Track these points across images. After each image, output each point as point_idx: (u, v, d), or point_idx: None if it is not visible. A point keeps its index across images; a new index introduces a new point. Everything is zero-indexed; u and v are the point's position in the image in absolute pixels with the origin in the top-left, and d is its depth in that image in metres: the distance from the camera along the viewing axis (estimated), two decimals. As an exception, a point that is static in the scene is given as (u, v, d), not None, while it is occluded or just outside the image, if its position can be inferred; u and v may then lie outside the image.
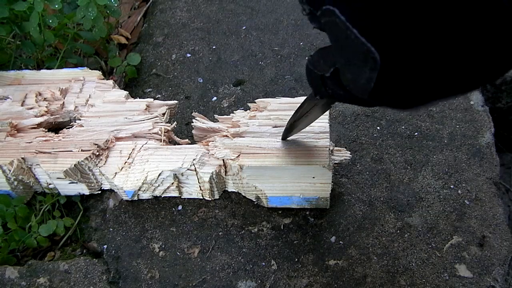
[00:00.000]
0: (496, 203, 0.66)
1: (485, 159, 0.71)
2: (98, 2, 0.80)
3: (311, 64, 0.37)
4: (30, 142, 0.67)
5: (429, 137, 0.74)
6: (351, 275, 0.61)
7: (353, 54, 0.29)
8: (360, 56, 0.28)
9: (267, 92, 0.83)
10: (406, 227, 0.65)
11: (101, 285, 0.63)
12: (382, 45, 0.27)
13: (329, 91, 0.36)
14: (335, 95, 0.37)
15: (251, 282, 0.62)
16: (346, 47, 0.29)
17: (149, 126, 0.68)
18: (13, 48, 0.87)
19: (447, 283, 0.60)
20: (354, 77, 0.31)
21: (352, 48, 0.28)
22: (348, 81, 0.32)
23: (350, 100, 0.36)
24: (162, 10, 1.01)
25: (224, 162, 0.64)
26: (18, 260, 0.68)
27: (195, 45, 0.92)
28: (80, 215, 0.71)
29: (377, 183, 0.69)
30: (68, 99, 0.74)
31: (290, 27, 0.93)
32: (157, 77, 0.88)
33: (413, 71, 0.28)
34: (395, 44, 0.27)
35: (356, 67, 0.29)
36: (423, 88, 0.30)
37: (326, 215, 0.67)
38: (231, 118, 0.67)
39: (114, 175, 0.65)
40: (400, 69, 0.28)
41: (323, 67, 0.35)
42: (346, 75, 0.32)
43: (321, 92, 0.38)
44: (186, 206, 0.69)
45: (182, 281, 0.63)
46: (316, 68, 0.36)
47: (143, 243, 0.67)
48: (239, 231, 0.66)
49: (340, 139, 0.75)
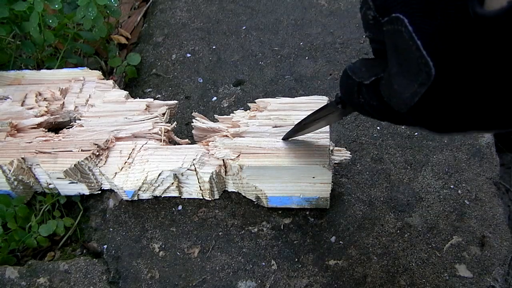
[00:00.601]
0: (496, 203, 0.66)
1: (485, 159, 0.71)
2: (98, 2, 0.80)
3: (351, 70, 0.37)
4: (30, 142, 0.67)
5: (429, 137, 0.74)
6: (351, 275, 0.61)
7: (408, 65, 0.29)
8: (414, 69, 0.28)
9: (267, 92, 0.83)
10: (406, 227, 0.65)
11: (101, 285, 0.63)
12: (441, 64, 0.27)
13: (361, 100, 0.36)
14: (365, 105, 0.36)
15: (251, 282, 0.62)
16: (403, 58, 0.29)
17: (149, 126, 0.68)
18: (13, 48, 0.87)
19: (447, 283, 0.60)
20: (400, 89, 0.30)
21: (409, 59, 0.28)
22: (391, 92, 0.32)
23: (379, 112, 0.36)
24: (162, 10, 1.01)
25: (224, 162, 0.64)
26: (18, 260, 0.68)
27: (195, 45, 0.92)
28: (80, 215, 0.71)
29: (377, 183, 0.69)
30: (68, 99, 0.74)
31: (290, 27, 0.93)
32: (157, 77, 0.88)
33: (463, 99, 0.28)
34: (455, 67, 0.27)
35: (406, 79, 0.29)
36: (468, 116, 0.29)
37: (326, 215, 0.67)
38: (231, 118, 0.67)
39: (114, 175, 0.65)
40: (450, 92, 0.28)
41: (363, 75, 0.35)
42: (392, 86, 0.31)
43: (352, 100, 0.38)
44: (186, 206, 0.69)
45: (182, 281, 0.63)
46: (355, 75, 0.36)
47: (143, 243, 0.67)
48: (239, 231, 0.66)
49: (340, 139, 0.75)
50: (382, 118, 0.37)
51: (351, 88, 0.37)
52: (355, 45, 0.89)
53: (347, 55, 0.87)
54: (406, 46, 0.28)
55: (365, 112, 0.38)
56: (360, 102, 0.37)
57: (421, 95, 0.29)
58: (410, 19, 0.28)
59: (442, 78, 0.27)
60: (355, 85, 0.36)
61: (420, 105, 0.30)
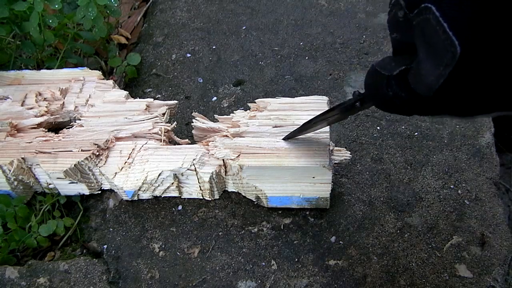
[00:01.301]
0: (496, 203, 0.66)
1: (485, 159, 0.71)
2: (98, 2, 0.80)
3: (379, 66, 0.39)
4: (30, 142, 0.67)
5: (429, 137, 0.74)
6: (351, 275, 0.61)
7: (434, 50, 0.31)
8: (440, 52, 0.30)
9: (267, 92, 0.83)
10: (406, 227, 0.65)
11: (101, 285, 0.63)
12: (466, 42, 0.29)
13: (390, 93, 0.38)
14: (394, 98, 0.38)
15: (251, 282, 0.62)
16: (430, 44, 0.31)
17: (149, 126, 0.68)
18: (13, 48, 0.87)
19: (447, 283, 0.60)
20: (426, 74, 0.32)
21: (436, 44, 0.30)
22: (418, 79, 0.34)
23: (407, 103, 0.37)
24: (162, 10, 1.01)
25: (224, 162, 0.64)
26: (18, 260, 0.68)
27: (195, 45, 0.92)
28: (80, 215, 0.71)
29: (377, 183, 0.69)
30: (68, 99, 0.74)
31: (290, 27, 0.93)
32: (157, 77, 0.88)
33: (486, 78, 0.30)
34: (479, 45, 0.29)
35: (432, 64, 0.31)
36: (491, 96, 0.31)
37: (326, 215, 0.67)
38: (231, 118, 0.67)
39: (114, 175, 0.65)
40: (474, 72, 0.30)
41: (392, 68, 0.37)
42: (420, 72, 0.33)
43: (379, 95, 0.40)
44: (186, 206, 0.69)
45: (182, 281, 0.63)
46: (384, 70, 0.38)
47: (143, 243, 0.67)
48: (239, 231, 0.66)
49: (340, 139, 0.75)
50: (408, 110, 0.38)
51: (380, 82, 0.39)
52: (355, 45, 0.89)
53: (347, 55, 0.87)
54: (433, 31, 0.30)
55: (391, 106, 0.40)
56: (388, 96, 0.38)
57: (445, 77, 0.30)
58: (437, 6, 0.30)
59: (467, 56, 0.29)
60: (384, 79, 0.38)
61: (445, 87, 0.31)
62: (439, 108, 0.35)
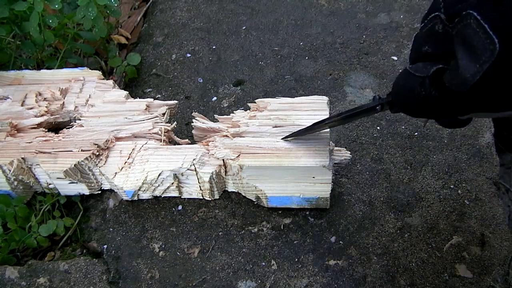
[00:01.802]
0: (496, 203, 0.66)
1: (485, 159, 0.71)
2: (98, 2, 0.80)
3: (413, 69, 0.41)
4: (30, 142, 0.67)
5: (429, 137, 0.74)
6: (351, 275, 0.61)
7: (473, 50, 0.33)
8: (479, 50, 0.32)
9: (267, 92, 0.83)
10: (406, 227, 0.65)
11: (101, 285, 0.63)
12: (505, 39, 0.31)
13: (422, 93, 0.40)
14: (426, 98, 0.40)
15: (251, 282, 0.62)
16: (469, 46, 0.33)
17: (149, 126, 0.68)
18: (13, 48, 0.87)
19: (447, 283, 0.60)
20: (463, 71, 0.34)
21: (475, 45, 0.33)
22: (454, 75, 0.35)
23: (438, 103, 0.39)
24: (162, 10, 1.01)
25: (224, 162, 0.64)
26: (18, 260, 0.68)
27: (195, 45, 0.92)
28: (80, 215, 0.71)
29: (377, 183, 0.69)
30: (68, 99, 0.74)
31: (290, 27, 0.93)
32: (157, 77, 0.88)
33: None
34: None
35: (470, 61, 0.33)
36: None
37: (326, 215, 0.67)
38: (231, 118, 0.67)
39: (114, 175, 0.65)
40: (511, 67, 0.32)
41: (427, 70, 0.39)
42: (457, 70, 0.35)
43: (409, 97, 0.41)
44: (186, 206, 0.69)
45: (182, 281, 0.63)
46: (418, 72, 0.40)
47: (143, 243, 0.67)
48: (239, 231, 0.66)
49: (340, 139, 0.75)
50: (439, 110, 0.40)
51: (413, 84, 0.40)
52: (355, 45, 0.89)
53: (347, 55, 0.87)
54: (474, 33, 0.33)
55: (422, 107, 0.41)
56: (421, 96, 0.40)
57: (483, 72, 0.32)
58: (479, 11, 0.32)
59: (505, 53, 0.31)
60: (418, 79, 0.40)
61: (481, 82, 0.33)
62: (470, 105, 0.36)
